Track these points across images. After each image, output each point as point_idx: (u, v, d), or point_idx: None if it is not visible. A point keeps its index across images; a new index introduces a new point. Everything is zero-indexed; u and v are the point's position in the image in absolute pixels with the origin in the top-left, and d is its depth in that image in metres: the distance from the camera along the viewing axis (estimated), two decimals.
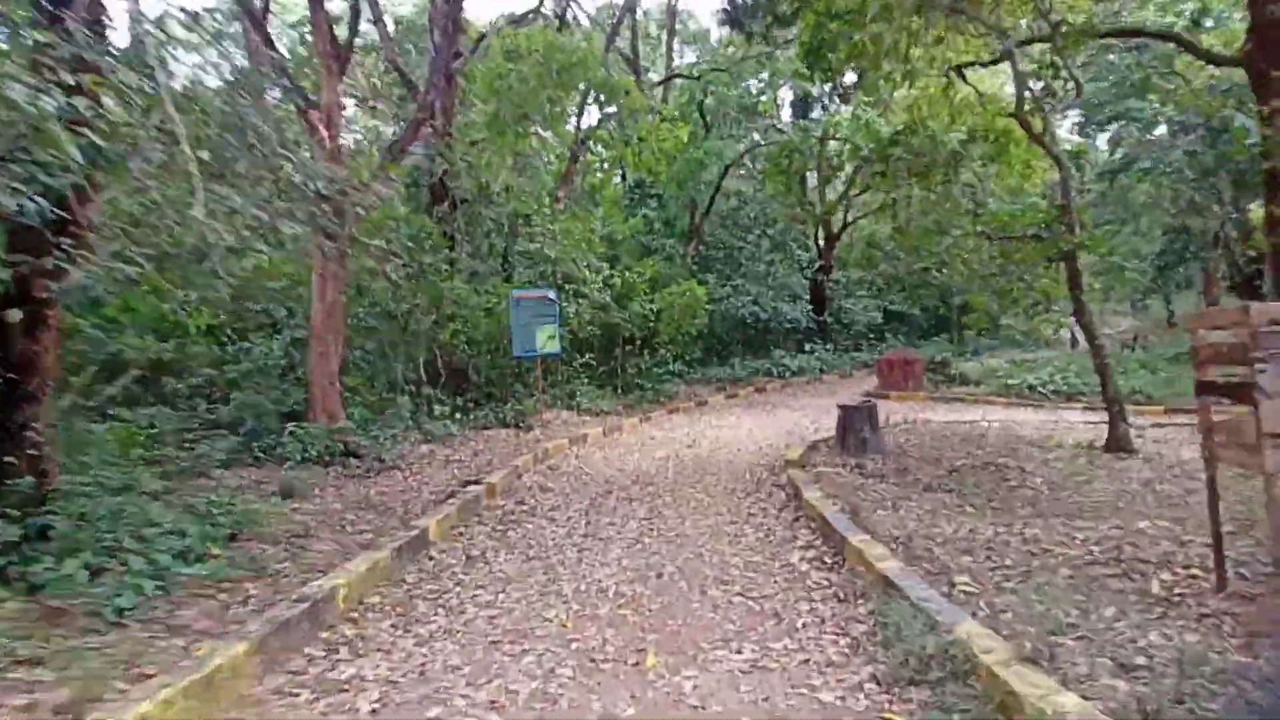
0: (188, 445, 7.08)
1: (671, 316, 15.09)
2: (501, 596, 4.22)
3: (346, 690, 3.06)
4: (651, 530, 5.68)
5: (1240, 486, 6.60)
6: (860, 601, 3.83)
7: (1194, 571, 4.24)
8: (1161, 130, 22.73)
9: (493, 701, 2.93)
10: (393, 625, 3.81)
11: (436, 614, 3.96)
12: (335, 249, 6.55)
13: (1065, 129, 23.24)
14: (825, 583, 4.22)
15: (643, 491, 7.28)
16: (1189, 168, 17.55)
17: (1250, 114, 11.42)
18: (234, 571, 4.54)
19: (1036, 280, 9.65)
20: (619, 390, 14.50)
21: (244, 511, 5.46)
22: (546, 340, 11.28)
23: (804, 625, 3.57)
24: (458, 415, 10.57)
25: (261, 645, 3.20)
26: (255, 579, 4.60)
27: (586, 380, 14.17)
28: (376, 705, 2.93)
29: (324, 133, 7.70)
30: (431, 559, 5.07)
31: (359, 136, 13.45)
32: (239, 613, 3.80)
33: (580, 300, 13.24)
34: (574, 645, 3.46)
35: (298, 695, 3.02)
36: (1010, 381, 15.44)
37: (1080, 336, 25.42)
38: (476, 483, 7.31)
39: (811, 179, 22.94)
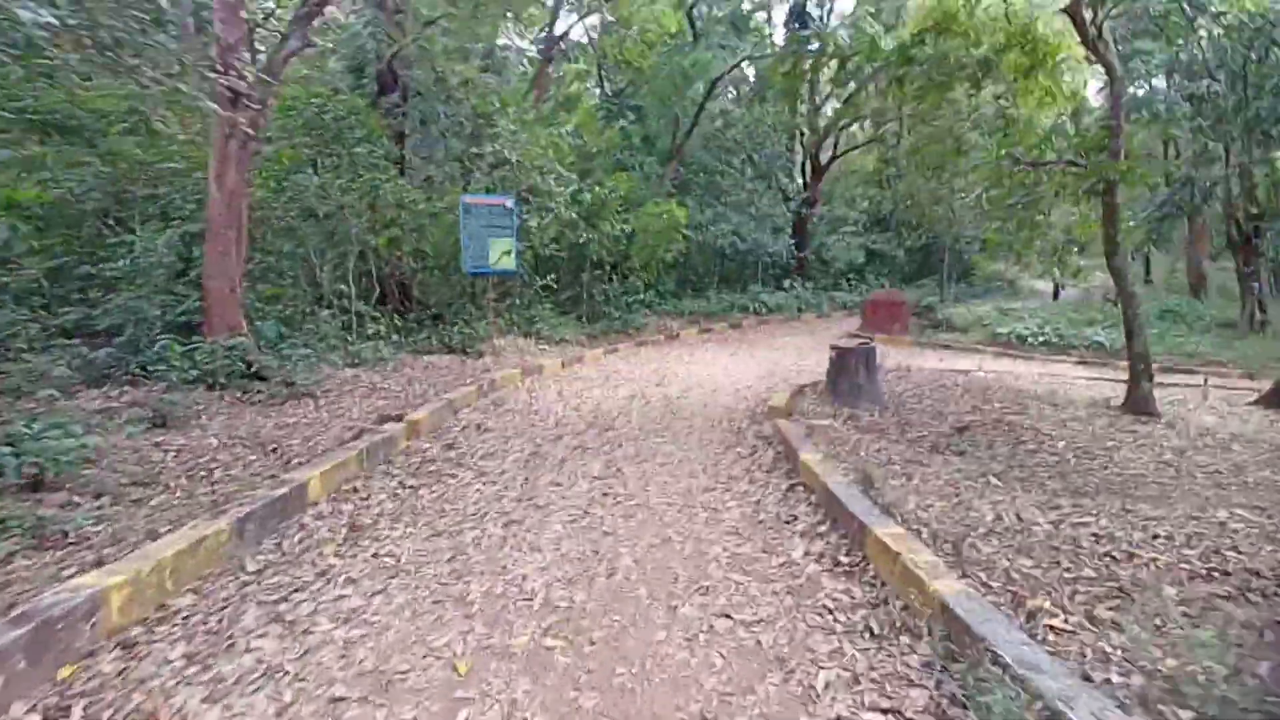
0: (23, 356, 5.46)
1: (646, 240, 13.49)
2: (378, 602, 2.82)
3: None
4: (606, 496, 4.29)
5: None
6: (907, 640, 2.50)
7: None
8: (1159, 82, 21.33)
9: None
10: (187, 656, 2.38)
11: (265, 634, 2.54)
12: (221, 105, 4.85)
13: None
14: (846, 599, 2.89)
15: (600, 439, 5.88)
16: (1202, 114, 16.17)
17: None
18: None
19: (1064, 218, 8.28)
20: (583, 318, 12.99)
21: (55, 449, 3.93)
22: (501, 256, 9.65)
23: (828, 687, 2.23)
24: (395, 336, 9.00)
25: None
26: (35, 554, 3.15)
27: (548, 305, 12.61)
28: None
29: None
30: (302, 529, 3.62)
31: None
32: None
33: (544, 215, 11.54)
34: (461, 715, 2.09)
35: None
36: (999, 330, 14.27)
37: (1064, 286, 24.39)
38: (397, 419, 5.84)
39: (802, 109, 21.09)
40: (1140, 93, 21.68)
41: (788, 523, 3.84)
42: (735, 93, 22.94)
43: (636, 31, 11.81)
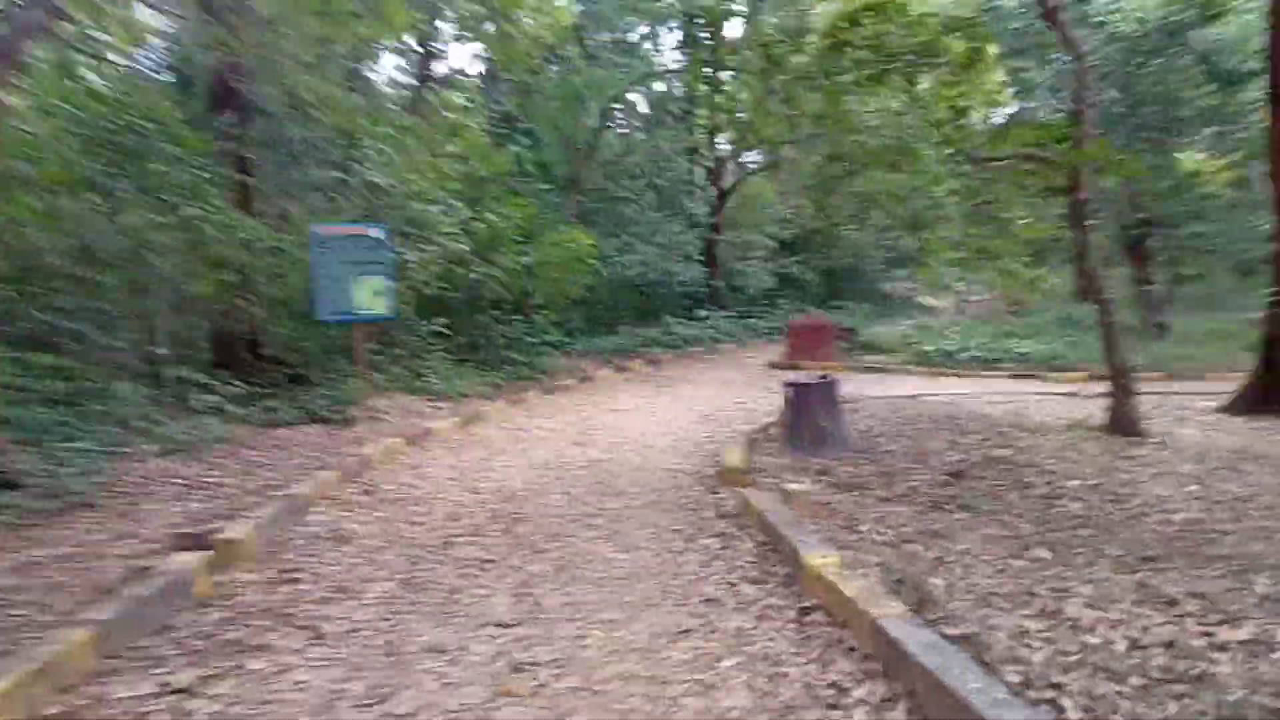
0: None
1: (550, 274, 11.86)
2: None
3: None
4: (518, 673, 2.57)
5: None
6: None
7: None
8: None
9: None
10: None
11: None
12: None
13: None
14: None
15: (507, 541, 4.14)
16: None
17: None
18: None
19: (1012, 221, 7.32)
20: (484, 366, 11.15)
21: None
22: (371, 297, 7.77)
23: None
24: (233, 408, 6.91)
25: None
26: None
27: (441, 353, 10.73)
28: None
29: None
30: None
31: None
32: None
33: (427, 248, 9.74)
34: None
35: None
36: (926, 349, 13.51)
37: (968, 300, 24.43)
38: (198, 543, 3.88)
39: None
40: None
41: (833, 706, 2.26)
42: (628, 126, 21.89)
43: (527, 21, 10.22)
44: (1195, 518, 4.54)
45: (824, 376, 6.37)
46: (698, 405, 9.42)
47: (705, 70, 10.41)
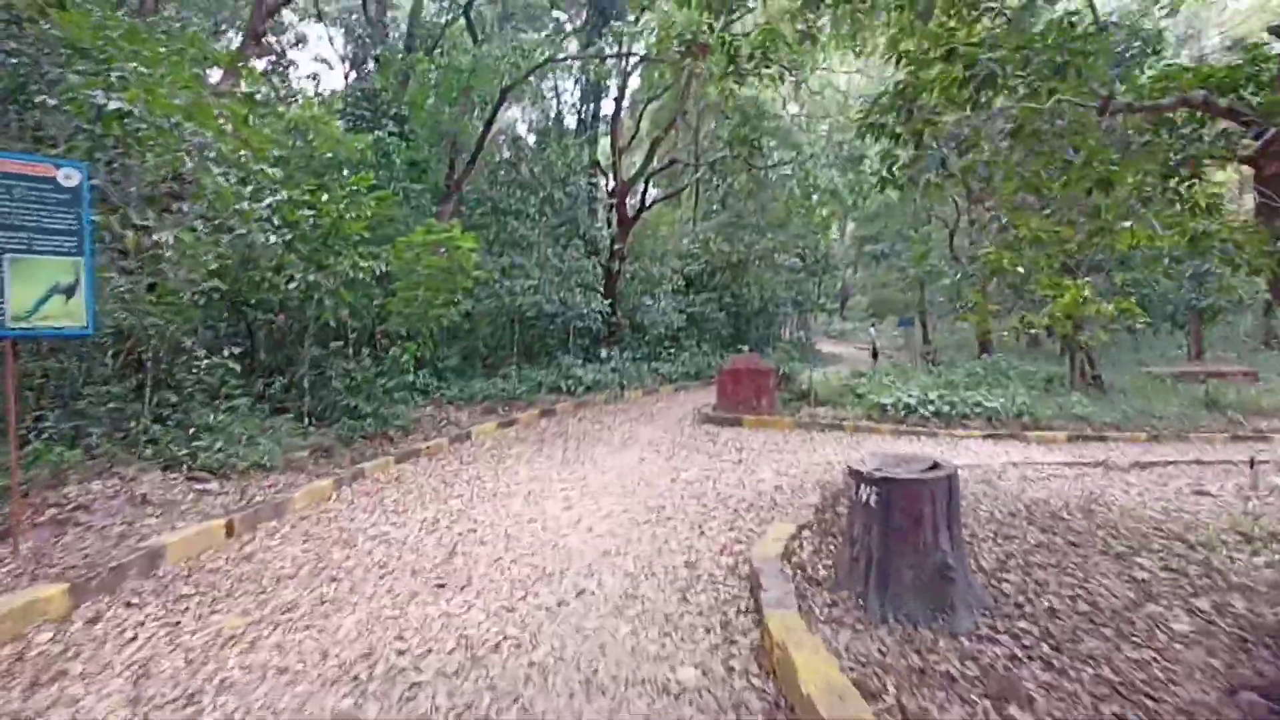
0: None
1: (415, 291, 8.20)
2: None
3: None
4: None
5: None
6: None
7: None
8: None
9: None
10: None
11: None
12: None
13: None
14: None
15: None
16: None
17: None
18: None
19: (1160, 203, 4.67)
20: (308, 418, 7.25)
21: None
22: (49, 298, 3.90)
23: None
24: None
25: None
26: None
27: (241, 398, 6.75)
28: None
29: None
30: None
31: None
32: None
33: (205, 231, 5.90)
34: None
35: None
36: (882, 401, 10.94)
37: (880, 345, 22.57)
38: None
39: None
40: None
41: None
42: (526, 129, 18.66)
43: None
44: None
45: (935, 465, 3.25)
46: (633, 485, 6.07)
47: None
